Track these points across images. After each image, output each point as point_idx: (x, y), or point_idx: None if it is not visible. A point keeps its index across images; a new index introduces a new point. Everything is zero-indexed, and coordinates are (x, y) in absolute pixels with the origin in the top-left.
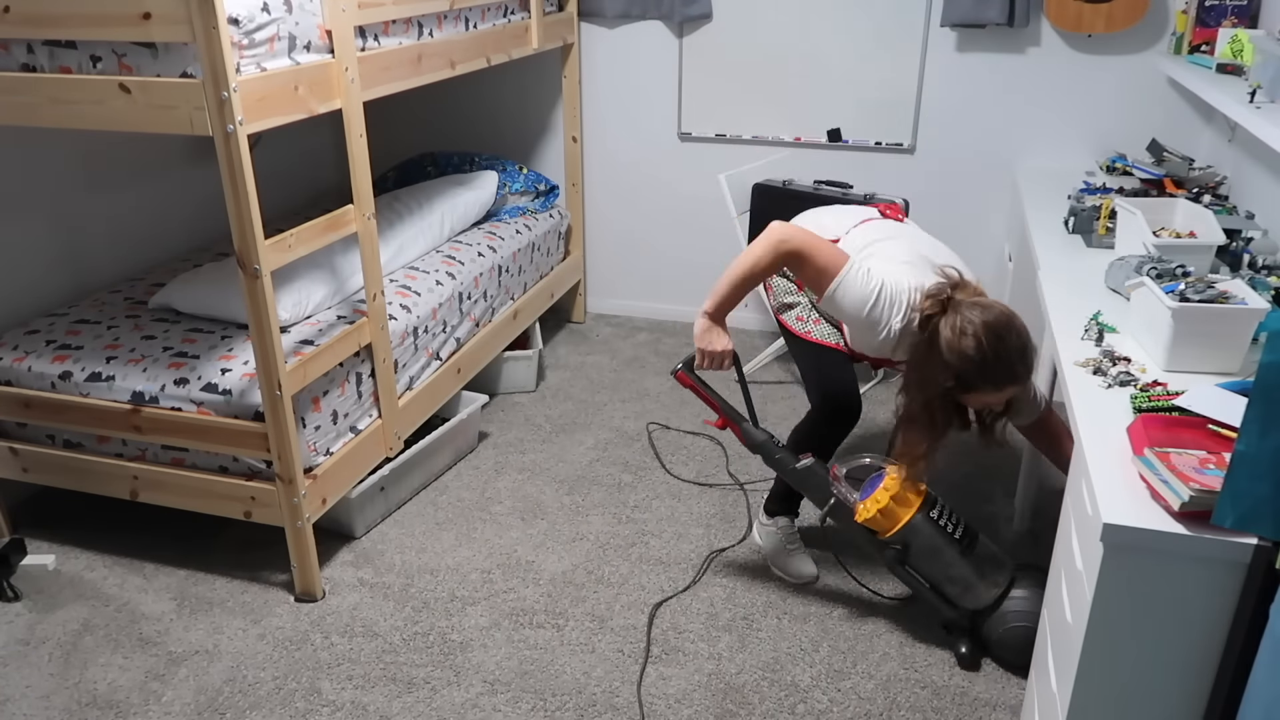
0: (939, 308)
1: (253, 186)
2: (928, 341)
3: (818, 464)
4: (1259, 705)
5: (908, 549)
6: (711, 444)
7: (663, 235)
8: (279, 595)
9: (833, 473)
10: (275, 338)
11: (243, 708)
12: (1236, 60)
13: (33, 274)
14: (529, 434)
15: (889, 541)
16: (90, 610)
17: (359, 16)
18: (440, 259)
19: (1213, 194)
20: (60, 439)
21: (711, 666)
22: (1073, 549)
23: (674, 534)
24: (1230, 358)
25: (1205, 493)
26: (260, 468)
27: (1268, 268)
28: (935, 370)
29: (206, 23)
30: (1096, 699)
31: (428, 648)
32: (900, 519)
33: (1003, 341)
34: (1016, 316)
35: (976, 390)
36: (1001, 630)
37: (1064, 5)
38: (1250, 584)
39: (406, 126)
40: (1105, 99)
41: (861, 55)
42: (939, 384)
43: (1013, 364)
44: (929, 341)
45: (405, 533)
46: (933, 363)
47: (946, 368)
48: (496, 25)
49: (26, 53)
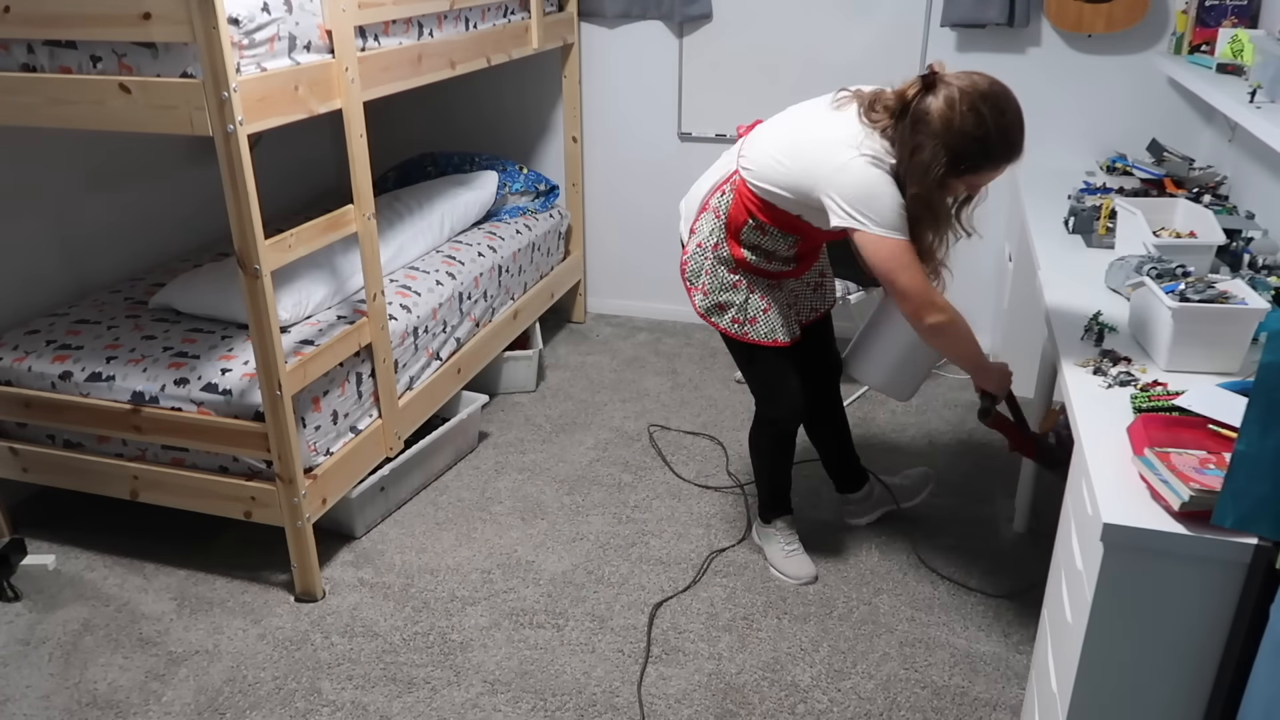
0: (920, 88)
1: (253, 186)
2: (913, 126)
3: None
4: (1259, 705)
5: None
6: (712, 444)
7: (663, 235)
8: (279, 595)
9: None
10: (275, 338)
11: (243, 708)
12: (1237, 60)
13: (33, 274)
14: (529, 434)
15: None
16: (90, 610)
17: (359, 16)
18: (440, 259)
19: (1213, 194)
20: (60, 439)
21: (712, 666)
22: (1073, 549)
23: (674, 534)
24: (1230, 358)
25: (1205, 493)
26: (260, 468)
27: (1268, 268)
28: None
29: (207, 23)
30: (1096, 699)
31: (428, 648)
32: None
33: (1004, 113)
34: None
35: (971, 170)
36: None
37: (1064, 5)
38: (1250, 584)
39: (406, 126)
40: (1105, 99)
41: (861, 55)
42: (935, 169)
43: (1015, 138)
44: (914, 125)
45: (405, 533)
46: (924, 147)
47: (943, 148)
48: (496, 25)
49: (26, 53)
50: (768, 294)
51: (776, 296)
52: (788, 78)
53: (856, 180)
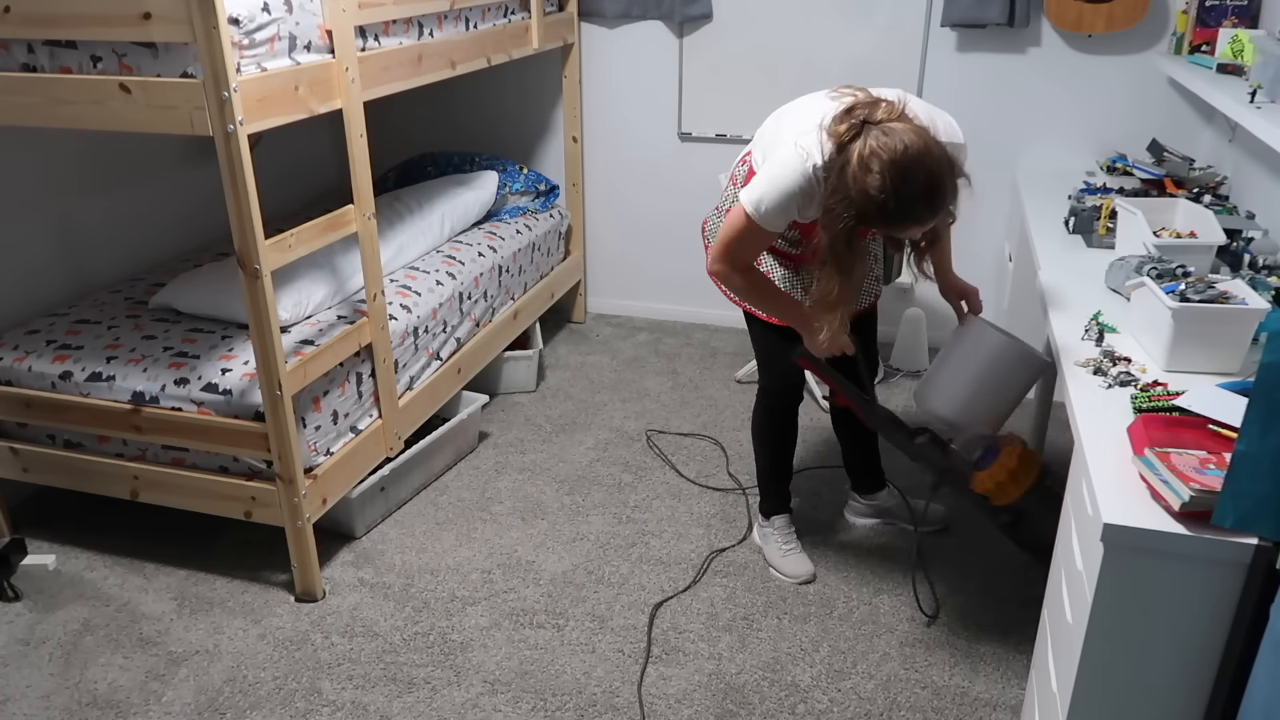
0: (854, 132)
1: (253, 186)
2: (839, 169)
3: (932, 436)
4: (1259, 705)
5: (1021, 515)
6: (711, 445)
7: (663, 235)
8: (279, 595)
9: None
10: (275, 338)
11: (243, 708)
12: (1237, 60)
13: (33, 274)
14: (529, 434)
15: (1003, 509)
16: (90, 610)
17: (359, 16)
18: (440, 259)
19: (1213, 194)
20: (60, 439)
21: (712, 666)
22: (1073, 549)
23: (674, 534)
24: (1230, 358)
25: (1205, 493)
26: (260, 468)
27: (1268, 268)
28: (840, 202)
29: (207, 23)
30: (1096, 699)
31: (428, 648)
32: (1017, 490)
33: (908, 181)
34: (934, 149)
35: (875, 227)
36: None
37: (1064, 5)
38: (1250, 584)
39: (406, 126)
40: (1105, 99)
41: (861, 55)
42: (844, 218)
43: (915, 205)
44: (840, 169)
45: (405, 533)
46: (838, 193)
47: (849, 200)
48: (497, 25)
49: (26, 53)
50: (779, 270)
51: (788, 275)
52: (788, 78)
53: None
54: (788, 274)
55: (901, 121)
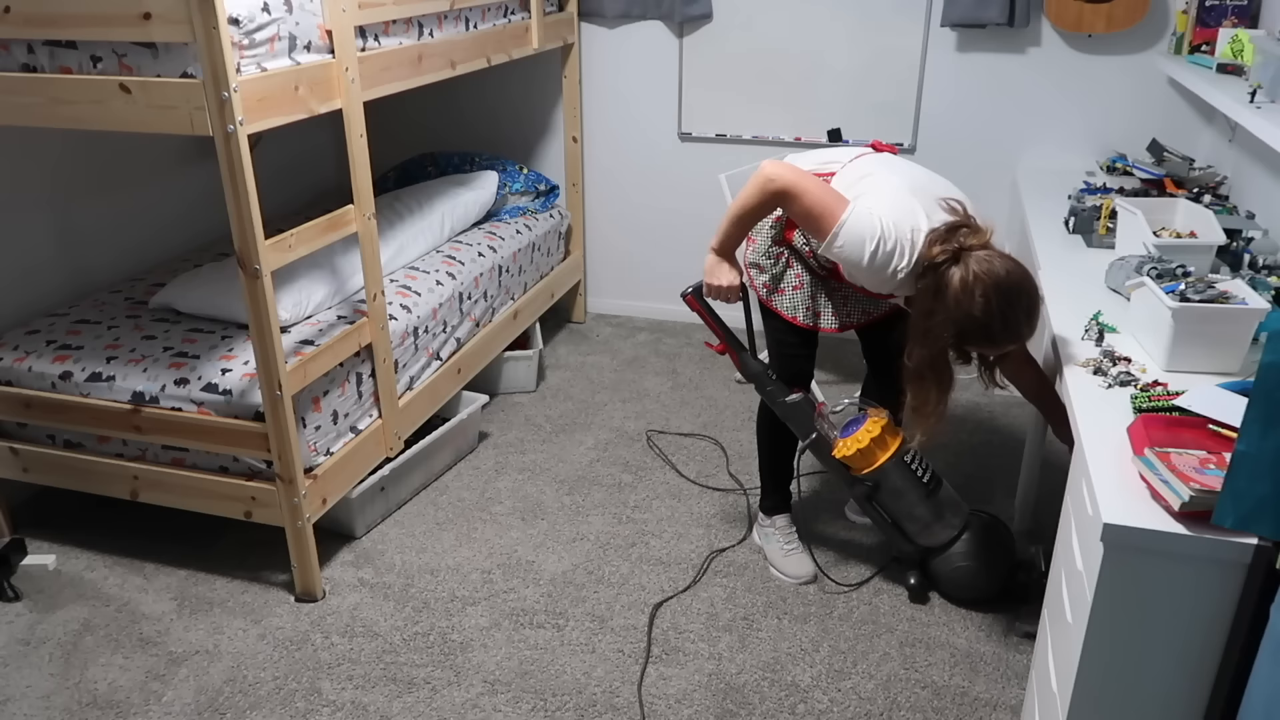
0: (949, 256)
1: (253, 186)
2: (934, 291)
3: (805, 399)
4: (1259, 705)
5: (878, 487)
6: (712, 445)
7: (663, 235)
8: (279, 595)
9: (819, 409)
10: (275, 338)
11: (243, 708)
12: (1237, 60)
13: (33, 274)
14: (529, 434)
15: (862, 479)
16: (90, 610)
17: (359, 16)
18: (440, 259)
19: (1213, 194)
20: (60, 439)
21: (712, 666)
22: (1073, 549)
23: (674, 534)
24: (1230, 358)
25: (1205, 493)
26: (260, 468)
27: (1268, 268)
28: (940, 323)
29: (207, 23)
30: (1096, 699)
31: (428, 648)
32: (876, 460)
33: (1012, 305)
34: (1028, 275)
35: (974, 346)
36: (949, 569)
37: (1064, 5)
38: (1250, 584)
39: (406, 126)
40: (1105, 99)
41: (861, 55)
42: (944, 338)
43: (1019, 325)
44: (935, 291)
45: (405, 533)
46: (938, 314)
47: (951, 322)
48: (497, 25)
49: (26, 53)
50: (806, 274)
51: (814, 280)
52: (788, 78)
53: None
54: (814, 280)
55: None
